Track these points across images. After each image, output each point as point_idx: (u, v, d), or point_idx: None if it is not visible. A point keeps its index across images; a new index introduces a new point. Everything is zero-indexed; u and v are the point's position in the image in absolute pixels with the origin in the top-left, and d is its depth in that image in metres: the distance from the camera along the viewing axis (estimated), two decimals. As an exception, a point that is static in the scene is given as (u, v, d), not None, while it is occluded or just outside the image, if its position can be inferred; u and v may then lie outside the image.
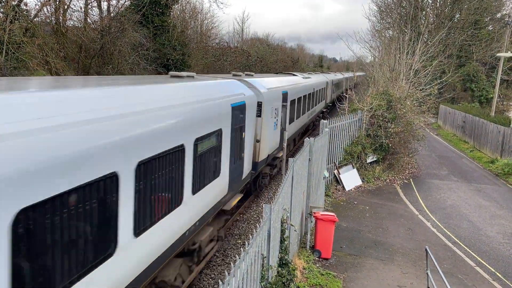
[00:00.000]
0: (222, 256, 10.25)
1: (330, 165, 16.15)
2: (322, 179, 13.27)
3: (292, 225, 8.40)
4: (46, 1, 20.69)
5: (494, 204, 16.03)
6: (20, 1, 18.78)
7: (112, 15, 26.15)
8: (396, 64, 21.58)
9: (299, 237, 10.33)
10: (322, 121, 14.22)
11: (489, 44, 42.21)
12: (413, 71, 21.52)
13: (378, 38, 37.26)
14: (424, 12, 44.11)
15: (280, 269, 7.05)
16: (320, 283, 8.94)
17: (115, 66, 23.83)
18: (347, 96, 20.67)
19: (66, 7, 22.64)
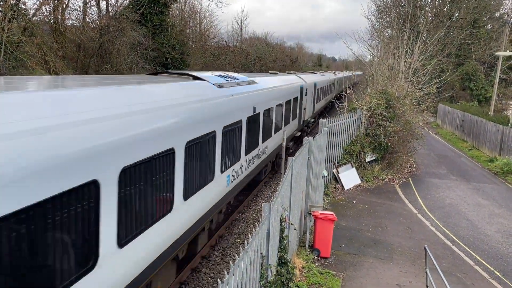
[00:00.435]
0: (221, 255, 10.25)
1: (329, 164, 16.16)
2: (321, 178, 13.28)
3: (291, 224, 8.40)
4: (45, 0, 20.64)
5: (493, 203, 16.06)
6: (19, 0, 18.72)
7: (111, 14, 26.12)
8: (395, 63, 21.59)
9: (298, 236, 10.33)
10: (321, 120, 14.22)
11: (487, 43, 42.25)
12: (412, 70, 21.52)
13: (377, 37, 37.28)
14: (423, 11, 44.12)
15: (279, 268, 7.05)
16: (319, 282, 8.95)
17: (114, 65, 23.79)
18: (346, 95, 20.67)
19: (64, 6, 22.60)
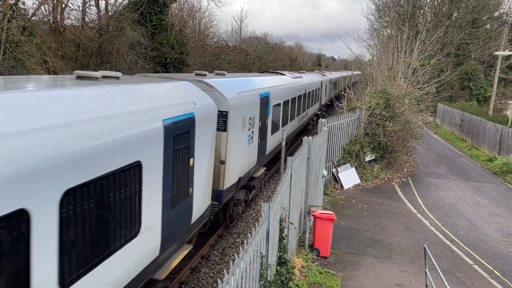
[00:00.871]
0: (221, 255, 10.26)
1: (329, 164, 16.17)
2: (321, 178, 13.29)
3: (291, 223, 8.41)
4: (44, 0, 20.63)
5: (492, 203, 16.08)
6: (18, 0, 18.71)
7: (110, 14, 26.11)
8: (394, 63, 21.60)
9: (298, 235, 10.34)
10: (320, 120, 14.23)
11: (487, 43, 42.30)
12: (411, 69, 21.54)
13: (376, 37, 37.33)
14: (422, 11, 44.13)
15: (279, 268, 7.06)
16: (318, 282, 8.96)
17: (113, 65, 23.80)
18: (345, 95, 20.68)
19: (64, 5, 22.58)
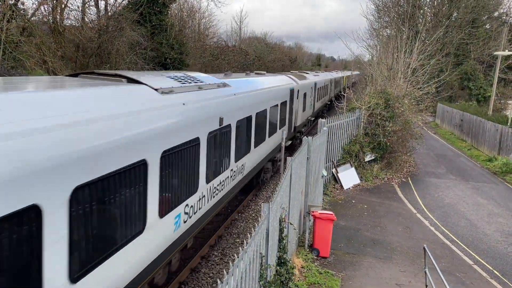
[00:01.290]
0: (221, 255, 10.26)
1: (329, 164, 16.16)
2: (321, 178, 13.29)
3: (291, 224, 8.40)
4: (43, 0, 20.62)
5: (492, 203, 16.07)
6: (17, 0, 18.70)
7: (109, 14, 26.10)
8: (394, 63, 21.59)
9: (297, 235, 10.34)
10: (320, 120, 14.23)
11: (486, 43, 42.30)
12: (411, 69, 21.53)
13: (376, 37, 37.31)
14: (421, 11, 44.12)
15: (278, 268, 7.06)
16: (318, 282, 8.95)
17: (113, 65, 23.78)
18: (345, 95, 20.67)
19: (63, 6, 22.57)
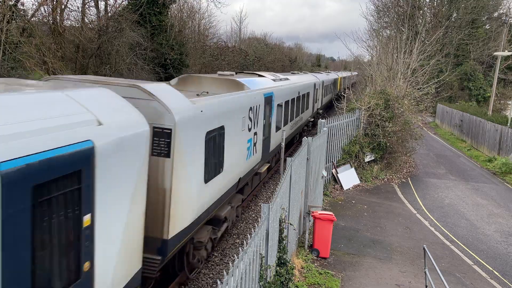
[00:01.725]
0: (221, 255, 10.26)
1: (328, 164, 16.17)
2: (320, 179, 13.29)
3: (291, 224, 8.40)
4: (43, 0, 20.62)
5: (492, 203, 16.08)
6: (17, 1, 18.71)
7: (109, 14, 26.11)
8: (394, 63, 21.60)
9: (297, 236, 10.34)
10: (320, 121, 14.24)
11: (486, 43, 42.34)
12: (411, 70, 21.54)
13: (375, 38, 37.32)
14: (421, 11, 44.17)
15: (278, 269, 7.06)
16: (318, 282, 8.96)
17: (112, 66, 23.80)
18: (345, 96, 20.68)
19: (63, 6, 22.58)
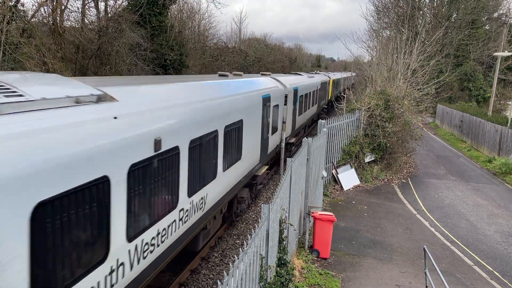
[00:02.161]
0: (221, 256, 10.25)
1: (328, 165, 16.16)
2: (321, 179, 13.29)
3: (291, 225, 8.40)
4: (43, 1, 20.63)
5: (492, 203, 16.08)
6: (17, 1, 18.70)
7: (109, 15, 26.11)
8: (394, 64, 21.59)
9: (297, 236, 10.34)
10: (320, 121, 14.24)
11: (486, 44, 42.33)
12: (411, 70, 21.54)
13: (375, 38, 37.32)
14: (421, 12, 44.18)
15: (278, 269, 7.05)
16: (318, 283, 8.95)
17: (112, 66, 23.79)
18: (345, 96, 20.68)
19: (63, 7, 22.58)
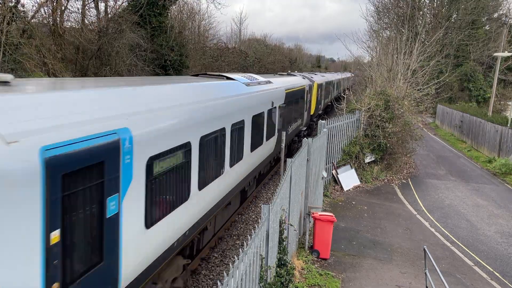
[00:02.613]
0: (221, 257, 10.25)
1: (329, 165, 16.16)
2: (321, 179, 13.28)
3: (291, 225, 8.40)
4: (43, 2, 20.64)
5: (492, 204, 16.07)
6: (17, 2, 18.71)
7: (109, 16, 26.12)
8: (394, 64, 21.60)
9: (297, 237, 10.33)
10: (320, 121, 14.24)
11: (486, 44, 42.32)
12: (411, 71, 21.54)
13: (375, 39, 37.32)
14: (421, 12, 44.17)
15: (278, 270, 7.05)
16: (318, 283, 8.95)
17: (112, 67, 23.79)
18: (345, 96, 20.69)
19: (63, 8, 22.59)
